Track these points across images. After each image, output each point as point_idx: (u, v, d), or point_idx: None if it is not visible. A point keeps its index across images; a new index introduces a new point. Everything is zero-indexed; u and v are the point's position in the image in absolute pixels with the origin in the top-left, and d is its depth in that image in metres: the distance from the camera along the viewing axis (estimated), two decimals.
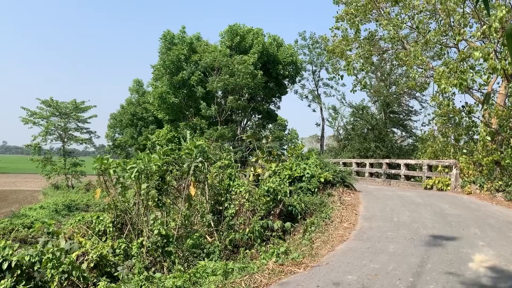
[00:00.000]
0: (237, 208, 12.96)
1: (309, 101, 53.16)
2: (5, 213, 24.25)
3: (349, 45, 23.75)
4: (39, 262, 7.81)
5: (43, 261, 7.65)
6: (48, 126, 42.29)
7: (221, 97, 38.72)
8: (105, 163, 11.01)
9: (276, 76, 39.52)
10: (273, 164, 15.60)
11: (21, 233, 14.05)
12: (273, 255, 8.37)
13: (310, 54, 51.04)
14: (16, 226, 15.33)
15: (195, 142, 12.22)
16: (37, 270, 7.79)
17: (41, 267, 7.71)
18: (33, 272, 7.85)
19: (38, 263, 7.81)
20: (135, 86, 54.44)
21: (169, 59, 36.00)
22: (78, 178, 41.40)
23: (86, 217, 12.01)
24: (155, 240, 9.42)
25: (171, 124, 39.43)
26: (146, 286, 6.64)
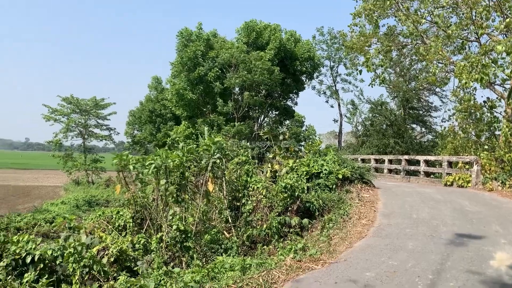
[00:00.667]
0: (254, 204, 13.00)
1: (327, 97, 52.84)
2: (28, 208, 24.85)
3: (368, 41, 23.50)
4: (61, 256, 7.98)
5: (65, 255, 7.81)
6: (68, 123, 43.10)
7: (238, 94, 38.79)
8: (124, 159, 11.17)
9: (293, 72, 39.36)
10: (290, 161, 15.57)
11: (44, 227, 14.37)
12: (290, 251, 8.39)
13: (328, 50, 50.68)
14: (38, 221, 15.68)
15: (213, 139, 12.29)
16: (59, 264, 7.96)
17: (63, 261, 7.87)
18: (55, 266, 8.03)
19: (60, 257, 7.98)
20: (153, 83, 54.90)
21: (186, 55, 36.20)
22: (98, 174, 42.14)
23: (106, 213, 12.21)
24: (174, 235, 9.53)
25: (189, 121, 39.68)
26: (165, 280, 6.72)
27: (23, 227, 14.80)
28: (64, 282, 7.53)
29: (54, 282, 7.31)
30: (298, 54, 39.01)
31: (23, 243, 8.10)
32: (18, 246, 7.99)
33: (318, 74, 48.77)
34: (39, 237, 9.25)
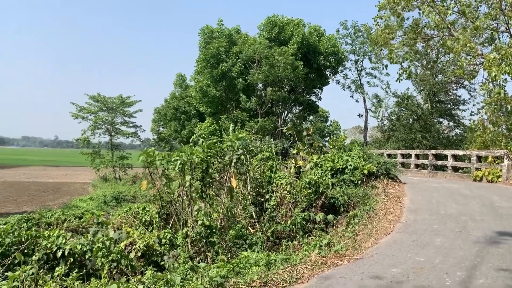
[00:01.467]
0: (278, 200, 13.00)
1: (352, 91, 52.17)
2: (58, 204, 25.55)
3: (393, 34, 23.07)
4: (90, 251, 8.19)
5: (93, 250, 8.01)
6: (96, 120, 44.06)
7: (262, 89, 38.79)
8: (150, 155, 11.33)
9: (317, 66, 39.06)
10: (314, 156, 15.49)
11: (73, 223, 14.74)
12: (315, 247, 8.36)
13: (352, 44, 50.03)
14: (68, 216, 16.10)
15: (237, 135, 12.34)
16: (88, 258, 8.17)
17: (92, 255, 8.07)
18: (84, 260, 8.24)
19: (89, 252, 8.19)
20: (178, 80, 55.49)
21: (209, 52, 36.40)
22: (125, 171, 42.95)
23: (133, 208, 12.45)
24: (199, 231, 9.64)
25: (213, 117, 39.97)
26: (191, 275, 6.81)
27: (54, 222, 15.22)
28: (93, 276, 7.71)
29: (83, 276, 7.50)
30: (322, 49, 38.68)
31: (54, 238, 8.34)
32: (49, 240, 8.24)
33: (342, 69, 48.24)
34: (68, 232, 9.48)
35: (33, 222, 14.45)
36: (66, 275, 6.75)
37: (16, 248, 8.01)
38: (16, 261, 7.59)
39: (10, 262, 7.64)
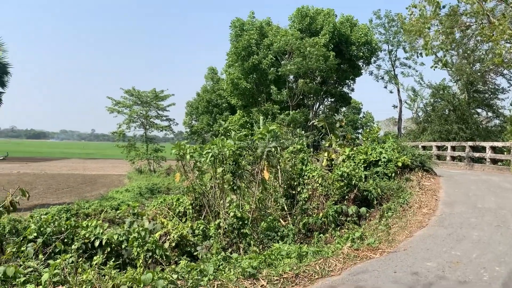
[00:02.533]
0: (310, 192, 12.94)
1: (385, 82, 51.06)
2: (95, 196, 26.38)
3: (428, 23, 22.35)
4: (126, 240, 8.42)
5: (129, 240, 8.23)
6: (131, 114, 45.04)
7: (293, 81, 38.55)
8: (182, 148, 11.51)
9: (349, 57, 38.44)
10: (347, 149, 15.31)
11: (109, 214, 15.18)
12: (348, 240, 8.30)
13: (386, 33, 48.88)
14: (105, 207, 16.59)
15: (268, 127, 12.34)
16: (125, 248, 8.41)
17: (128, 245, 8.30)
18: (121, 250, 8.49)
19: (125, 242, 8.43)
20: (210, 73, 55.92)
21: (240, 45, 36.44)
22: (159, 163, 43.74)
23: (167, 200, 12.70)
24: (231, 222, 9.74)
25: (244, 110, 40.10)
26: (224, 265, 6.90)
27: (91, 213, 15.74)
28: (129, 265, 7.94)
29: (120, 265, 7.72)
30: (354, 39, 38.01)
31: (92, 228, 8.63)
32: (87, 230, 8.53)
33: (375, 59, 47.31)
34: (106, 223, 9.79)
35: (72, 213, 14.98)
36: (104, 264, 6.98)
37: (57, 238, 8.35)
38: (56, 250, 7.91)
39: (51, 251, 7.98)
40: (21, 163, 61.44)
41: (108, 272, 5.49)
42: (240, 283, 5.82)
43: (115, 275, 5.56)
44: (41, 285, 5.47)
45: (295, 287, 5.84)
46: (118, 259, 7.95)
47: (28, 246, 7.89)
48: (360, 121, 62.49)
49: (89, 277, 5.70)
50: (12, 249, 7.94)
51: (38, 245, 8.02)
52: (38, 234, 8.32)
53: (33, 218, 9.53)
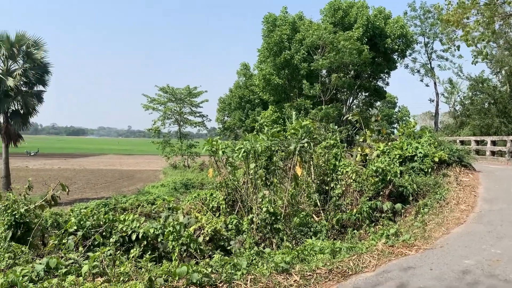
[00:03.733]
0: (343, 188, 12.81)
1: (421, 75, 49.69)
2: (132, 191, 27.09)
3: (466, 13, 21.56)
4: (162, 234, 8.63)
5: (165, 234, 8.43)
6: (165, 111, 45.90)
7: (326, 76, 38.14)
8: (214, 144, 11.64)
9: (384, 50, 37.65)
10: (381, 144, 15.04)
11: (146, 208, 15.55)
12: (382, 236, 8.17)
13: (421, 25, 47.51)
14: (141, 202, 17.00)
15: (301, 123, 12.29)
16: (160, 241, 8.62)
17: (164, 239, 8.50)
18: (157, 243, 8.71)
19: (161, 235, 8.64)
20: (242, 69, 56.13)
21: (272, 40, 36.35)
22: (193, 159, 44.39)
23: (201, 194, 12.89)
24: (264, 217, 9.78)
25: (276, 105, 40.04)
26: (257, 260, 6.94)
27: (128, 207, 16.17)
28: (165, 258, 8.13)
29: (156, 258, 7.93)
30: (389, 32, 37.19)
31: (129, 221, 8.89)
32: (124, 224, 8.80)
33: (411, 52, 46.11)
34: (142, 217, 10.05)
35: (110, 207, 15.44)
36: (140, 257, 7.18)
37: (96, 231, 8.65)
38: (95, 243, 8.20)
39: (91, 244, 8.28)
40: (61, 159, 63.84)
41: (145, 264, 5.64)
42: (273, 277, 5.84)
43: (151, 268, 5.71)
44: (81, 277, 5.68)
45: (328, 282, 5.81)
46: (154, 252, 8.16)
47: (68, 239, 8.22)
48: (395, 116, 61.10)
49: (126, 270, 5.88)
50: (54, 242, 8.29)
51: (78, 238, 8.34)
52: (78, 227, 8.66)
53: (73, 212, 9.91)
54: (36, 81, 28.06)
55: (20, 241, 8.33)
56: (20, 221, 8.75)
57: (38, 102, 28.48)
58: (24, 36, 27.36)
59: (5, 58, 27.17)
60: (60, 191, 10.13)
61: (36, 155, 67.09)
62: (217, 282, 5.65)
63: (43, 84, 28.78)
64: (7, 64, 27.39)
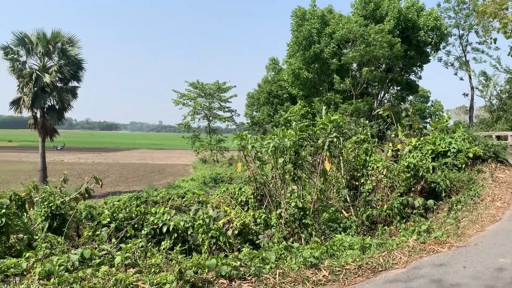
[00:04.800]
0: (374, 184, 12.64)
1: (456, 69, 48.09)
2: (162, 184, 27.59)
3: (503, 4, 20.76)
4: (192, 227, 8.76)
5: (195, 227, 8.55)
6: (195, 106, 46.41)
7: (356, 70, 37.57)
8: (244, 139, 11.68)
9: (416, 43, 36.68)
10: (413, 139, 14.73)
11: (176, 202, 15.82)
12: (413, 232, 8.03)
13: (455, 17, 45.97)
14: (172, 195, 17.31)
15: (330, 117, 12.17)
16: (190, 234, 8.76)
17: (194, 232, 8.64)
18: (187, 236, 8.85)
19: (191, 228, 8.77)
20: (271, 64, 55.97)
21: (301, 35, 36.03)
22: (222, 153, 44.75)
23: (230, 189, 13.00)
24: (293, 212, 9.77)
25: (305, 100, 39.76)
26: (285, 254, 6.95)
27: (159, 200, 16.50)
28: (194, 250, 8.26)
29: (186, 250, 8.05)
30: (422, 24, 36.21)
31: (160, 214, 9.07)
32: (156, 217, 8.98)
33: (445, 45, 44.70)
34: (172, 210, 10.22)
35: (141, 200, 15.80)
36: (171, 249, 7.31)
37: (128, 223, 8.87)
38: (128, 235, 8.41)
39: (123, 235, 8.49)
40: (95, 153, 65.63)
41: (175, 256, 5.75)
42: (301, 272, 5.84)
43: (181, 260, 5.81)
44: (114, 267, 5.84)
45: (358, 278, 5.76)
46: (184, 245, 8.29)
47: (102, 231, 8.47)
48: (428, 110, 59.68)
49: (157, 261, 6.01)
50: (88, 233, 8.56)
51: (111, 230, 8.57)
52: (111, 220, 8.90)
53: (106, 205, 10.18)
54: (71, 77, 28.94)
55: (56, 232, 8.64)
56: (56, 213, 9.07)
57: (73, 97, 29.37)
58: (59, 33, 28.23)
59: (41, 55, 28.15)
60: (94, 184, 10.43)
61: (63, 149, 68.76)
62: (246, 275, 5.70)
63: (78, 80, 29.64)
64: (44, 61, 28.37)
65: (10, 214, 7.55)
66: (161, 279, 5.32)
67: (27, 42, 27.49)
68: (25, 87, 27.15)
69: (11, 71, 27.37)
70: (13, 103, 27.90)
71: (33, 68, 27.78)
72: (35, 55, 28.28)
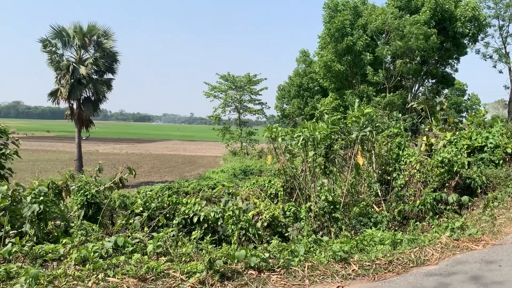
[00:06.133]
0: (406, 178, 12.40)
1: (494, 61, 46.40)
2: (193, 175, 27.99)
3: None
4: (221, 218, 8.87)
5: (225, 218, 8.65)
6: (226, 98, 46.70)
7: (390, 62, 36.78)
8: (274, 132, 11.66)
9: (453, 35, 35.55)
10: (448, 133, 14.34)
11: (206, 193, 15.99)
12: (447, 229, 7.84)
13: (495, 7, 44.21)
14: (202, 186, 17.53)
15: (363, 110, 11.98)
16: (220, 225, 8.86)
17: (223, 222, 8.74)
18: (217, 227, 8.96)
19: (221, 219, 8.87)
20: (301, 56, 55.55)
21: (334, 26, 35.57)
22: (252, 146, 44.91)
23: (259, 181, 13.03)
24: (322, 206, 9.71)
25: (336, 93, 39.31)
26: (314, 248, 6.94)
27: (190, 191, 16.73)
28: (224, 241, 8.35)
29: (216, 240, 8.16)
30: (459, 15, 35.01)
31: (191, 205, 9.21)
32: (187, 207, 9.13)
33: (483, 36, 43.13)
34: (203, 201, 10.35)
35: (173, 190, 16.06)
36: (201, 239, 7.42)
37: (160, 212, 9.06)
38: (159, 224, 8.60)
39: (155, 224, 8.69)
40: (128, 143, 67.17)
41: (205, 246, 5.83)
42: (331, 266, 5.83)
43: (211, 250, 5.89)
44: (146, 255, 5.99)
45: (388, 274, 5.69)
46: (214, 235, 8.39)
47: (135, 219, 8.69)
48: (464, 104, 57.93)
49: (188, 250, 6.13)
50: (122, 221, 8.79)
51: (144, 219, 8.78)
52: (143, 209, 9.11)
53: (139, 194, 10.41)
54: (106, 69, 29.68)
55: (91, 220, 8.93)
56: (91, 201, 9.37)
57: (108, 89, 30.11)
58: (95, 26, 28.95)
59: (77, 48, 28.97)
60: (128, 174, 10.71)
61: (87, 139, 69.87)
62: (274, 267, 5.73)
63: (112, 72, 30.36)
64: (80, 53, 29.18)
65: (48, 202, 7.84)
66: (191, 268, 5.42)
67: (64, 35, 28.34)
68: (62, 79, 28.03)
69: (49, 63, 28.31)
70: (51, 95, 28.89)
71: (70, 60, 28.64)
72: (71, 48, 29.16)
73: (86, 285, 4.98)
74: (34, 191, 7.84)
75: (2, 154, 11.04)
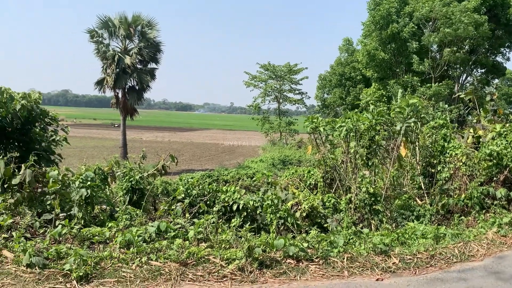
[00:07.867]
0: (451, 171, 11.98)
1: None
2: (233, 164, 28.28)
3: None
4: (260, 207, 8.93)
5: (264, 207, 8.71)
6: (266, 88, 46.64)
7: (436, 51, 35.43)
8: (315, 121, 11.56)
9: (506, 22, 33.74)
10: (498, 125, 13.68)
11: (245, 181, 16.11)
12: (494, 225, 7.57)
13: None
14: (241, 175, 17.66)
15: (408, 101, 11.64)
16: (259, 213, 8.94)
17: (263, 211, 8.80)
18: (256, 215, 9.04)
19: (260, 208, 8.94)
20: (344, 45, 54.46)
21: (379, 14, 34.60)
22: (291, 136, 44.74)
23: (298, 171, 12.99)
24: (363, 198, 9.58)
25: (380, 82, 38.35)
26: (354, 239, 6.88)
27: (230, 179, 16.91)
28: (263, 230, 8.43)
29: (255, 229, 8.25)
30: None
31: (230, 193, 9.34)
32: (226, 195, 9.26)
33: None
34: (242, 189, 10.46)
35: (213, 179, 16.30)
36: (240, 227, 7.53)
37: (201, 199, 9.25)
38: (200, 210, 8.78)
39: (196, 211, 8.89)
40: (171, 132, 68.73)
41: (244, 234, 5.91)
42: (370, 258, 5.77)
43: (250, 238, 5.97)
44: (187, 241, 6.16)
45: (430, 268, 5.57)
46: (253, 223, 8.49)
47: (177, 206, 8.91)
48: None
49: (227, 237, 6.24)
50: (164, 207, 9.05)
51: (185, 205, 9.00)
52: (185, 195, 9.33)
53: (181, 181, 10.65)
54: (150, 59, 30.34)
55: (135, 205, 9.24)
56: (135, 187, 9.68)
57: (151, 78, 30.81)
58: (139, 17, 29.60)
59: (123, 38, 29.77)
60: (170, 161, 10.98)
61: (119, 126, 71.88)
62: (313, 257, 5.74)
63: (156, 62, 31.01)
64: (125, 43, 29.99)
65: (95, 187, 8.18)
66: (231, 255, 5.53)
67: (110, 25, 29.17)
68: (108, 68, 28.91)
69: (96, 53, 29.27)
70: (98, 83, 29.92)
71: (115, 50, 29.48)
72: (117, 38, 29.99)
73: (130, 267, 5.19)
74: (81, 176, 8.21)
75: (53, 140, 11.59)
